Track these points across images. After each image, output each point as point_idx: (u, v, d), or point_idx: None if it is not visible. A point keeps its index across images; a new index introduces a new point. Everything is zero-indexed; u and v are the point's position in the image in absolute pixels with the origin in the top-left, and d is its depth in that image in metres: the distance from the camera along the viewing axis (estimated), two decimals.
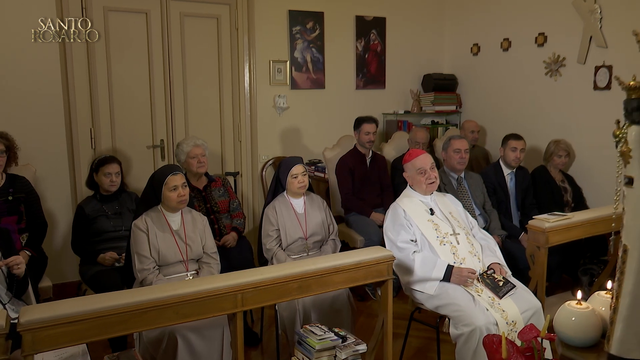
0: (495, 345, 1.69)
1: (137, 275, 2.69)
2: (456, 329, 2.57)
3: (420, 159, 2.97)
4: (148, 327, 2.10)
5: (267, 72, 4.67)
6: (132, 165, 4.26)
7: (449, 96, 5.40)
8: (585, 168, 4.33)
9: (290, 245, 3.16)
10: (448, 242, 2.84)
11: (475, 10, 5.25)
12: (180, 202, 2.79)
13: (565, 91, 4.48)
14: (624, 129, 1.37)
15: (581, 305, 1.55)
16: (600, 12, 4.11)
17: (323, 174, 4.61)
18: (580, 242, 3.55)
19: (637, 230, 1.35)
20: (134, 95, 4.22)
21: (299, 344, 2.35)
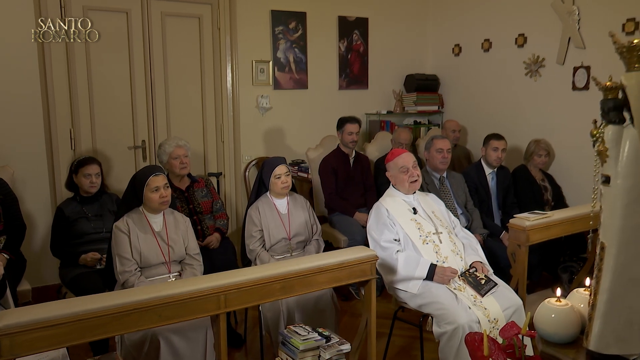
0: (477, 343, 1.71)
1: (119, 277, 2.66)
2: (439, 327, 2.59)
3: (403, 157, 2.99)
4: (130, 329, 2.07)
5: (250, 72, 4.65)
6: (113, 167, 4.21)
7: (431, 96, 5.44)
8: (565, 167, 4.40)
9: (274, 245, 3.15)
10: (431, 241, 2.86)
11: (456, 11, 5.30)
12: (162, 204, 2.76)
13: (545, 91, 4.54)
14: (601, 129, 1.40)
15: (560, 302, 1.58)
16: (578, 14, 4.18)
17: (306, 174, 4.61)
18: (560, 240, 3.61)
19: (614, 228, 1.37)
20: (114, 95, 4.17)
21: (283, 344, 2.34)
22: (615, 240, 1.37)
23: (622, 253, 1.36)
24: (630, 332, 1.39)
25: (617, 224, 1.36)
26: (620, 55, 1.38)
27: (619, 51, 1.38)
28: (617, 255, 1.37)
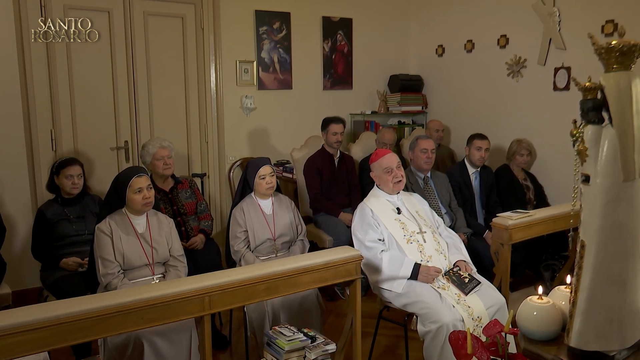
0: (460, 341, 1.72)
1: (101, 280, 2.63)
2: (424, 326, 2.61)
3: (387, 158, 3.00)
4: (113, 332, 2.05)
5: (234, 72, 4.63)
6: (95, 168, 4.16)
7: (415, 97, 5.47)
8: (546, 166, 4.46)
9: (259, 246, 3.14)
10: (415, 240, 2.88)
11: (439, 12, 5.34)
12: (145, 205, 2.74)
13: (527, 92, 4.60)
14: (581, 129, 1.42)
15: (542, 300, 1.59)
16: (558, 15, 4.24)
17: (291, 175, 4.60)
18: (542, 238, 3.66)
19: (593, 226, 1.39)
20: (96, 96, 4.12)
21: (268, 345, 2.34)
22: (595, 238, 1.39)
23: (601, 251, 1.39)
24: (609, 329, 1.41)
25: (596, 223, 1.38)
26: (599, 56, 1.40)
27: (598, 52, 1.40)
28: (596, 253, 1.39)
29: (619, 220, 1.37)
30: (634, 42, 1.36)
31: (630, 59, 1.37)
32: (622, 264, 1.40)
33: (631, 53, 1.36)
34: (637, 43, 1.36)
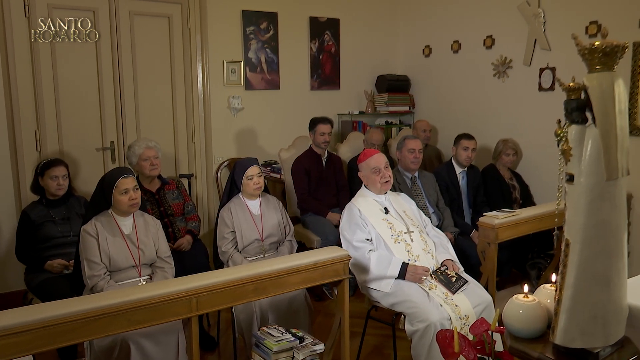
0: (448, 340, 1.73)
1: (87, 282, 2.60)
2: (411, 325, 2.62)
3: (375, 158, 3.01)
4: (99, 335, 2.03)
5: (221, 72, 4.62)
6: (81, 169, 4.11)
7: (402, 97, 5.49)
8: (532, 166, 4.50)
9: (247, 247, 3.13)
10: (402, 240, 2.89)
11: (426, 13, 5.37)
12: (131, 206, 2.72)
13: (513, 92, 4.64)
14: (565, 128, 1.43)
15: (528, 298, 1.61)
16: (543, 16, 4.28)
17: (279, 175, 4.60)
18: (528, 237, 3.69)
19: (577, 224, 1.41)
20: (81, 96, 4.08)
21: (256, 346, 2.33)
22: (579, 237, 1.41)
23: (585, 249, 1.40)
24: (594, 326, 1.42)
25: (580, 221, 1.40)
26: (583, 57, 1.42)
27: (581, 53, 1.41)
28: (581, 251, 1.41)
29: (602, 219, 1.39)
30: (616, 43, 1.37)
31: (612, 59, 1.38)
32: (605, 262, 1.41)
33: (614, 54, 1.38)
34: (620, 44, 1.38)
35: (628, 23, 3.73)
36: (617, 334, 1.47)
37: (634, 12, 3.71)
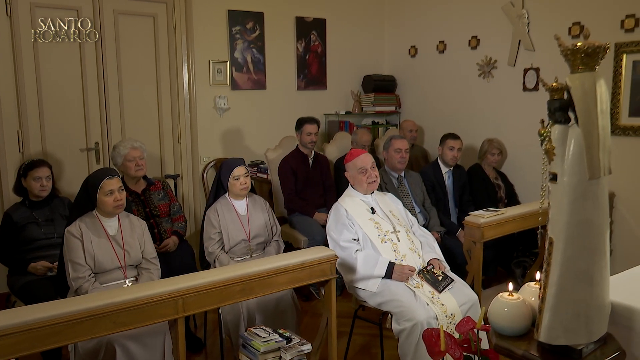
0: (434, 338, 1.74)
1: (72, 284, 2.57)
2: (398, 324, 2.63)
3: (361, 158, 3.02)
4: (83, 337, 2.01)
5: (207, 72, 4.59)
6: (65, 169, 4.07)
7: (389, 97, 5.51)
8: (517, 165, 4.55)
9: (233, 247, 3.12)
10: (389, 239, 2.90)
11: (412, 14, 5.39)
12: (116, 207, 2.69)
13: (497, 92, 4.68)
14: (548, 128, 1.45)
15: (512, 296, 1.62)
16: (527, 17, 4.33)
17: (266, 175, 4.59)
18: (513, 236, 3.73)
19: (561, 223, 1.42)
20: (65, 96, 4.03)
21: (243, 347, 2.33)
22: (563, 235, 1.42)
23: (569, 247, 1.42)
24: (577, 323, 1.44)
25: (563, 220, 1.42)
26: (565, 57, 1.44)
27: (564, 54, 1.43)
28: (564, 249, 1.42)
29: (585, 218, 1.41)
30: (598, 44, 1.39)
31: (594, 60, 1.40)
32: (588, 260, 1.43)
33: (595, 54, 1.39)
34: (601, 45, 1.40)
35: (610, 24, 3.79)
36: (600, 331, 1.49)
37: (616, 13, 3.76)
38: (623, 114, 3.79)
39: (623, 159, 3.79)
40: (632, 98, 3.74)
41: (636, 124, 3.74)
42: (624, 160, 3.79)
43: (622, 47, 3.72)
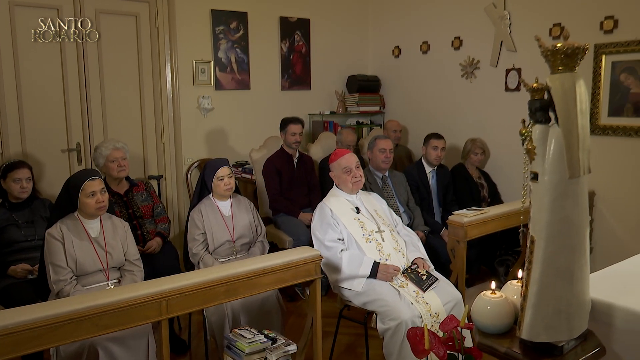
0: (418, 337, 1.75)
1: (53, 287, 2.53)
2: (383, 323, 2.64)
3: (346, 158, 3.03)
4: (65, 341, 1.98)
5: (190, 72, 4.56)
6: (45, 171, 4.00)
7: (373, 97, 5.53)
8: (499, 165, 4.59)
9: (218, 248, 3.11)
10: (374, 239, 2.91)
11: (396, 14, 5.42)
12: (99, 209, 2.66)
13: (480, 92, 4.72)
14: (529, 128, 1.47)
15: (495, 294, 1.64)
16: (509, 19, 4.37)
17: (250, 176, 4.57)
18: (496, 235, 3.77)
19: (542, 222, 1.44)
20: (46, 96, 3.97)
21: (228, 348, 2.32)
22: (544, 233, 1.44)
23: (549, 246, 1.44)
24: (558, 321, 1.46)
25: (544, 218, 1.43)
26: (546, 58, 1.45)
27: (544, 54, 1.45)
28: (545, 247, 1.44)
29: (565, 216, 1.43)
30: (577, 45, 1.41)
31: (574, 60, 1.42)
32: (569, 257, 1.45)
33: (575, 55, 1.41)
34: (580, 46, 1.42)
35: (590, 25, 3.85)
36: (581, 327, 1.51)
37: (596, 15, 3.82)
38: (603, 114, 3.86)
39: (603, 158, 3.85)
40: (611, 98, 3.80)
41: (615, 123, 3.80)
42: (604, 160, 3.85)
43: (602, 48, 3.78)
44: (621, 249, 3.70)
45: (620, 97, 3.75)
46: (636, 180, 3.75)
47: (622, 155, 3.80)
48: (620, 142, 3.79)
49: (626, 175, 3.80)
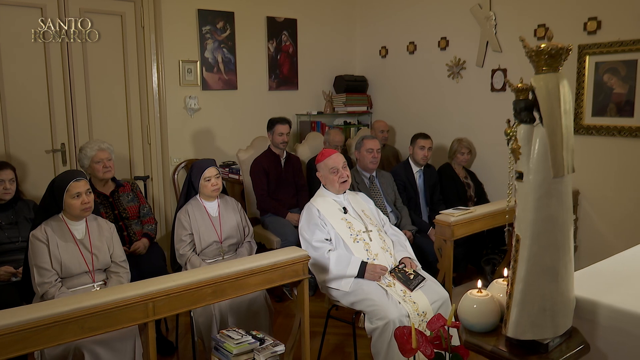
0: (405, 336, 1.76)
1: (37, 289, 2.50)
2: (371, 323, 2.65)
3: (333, 158, 3.03)
4: (50, 344, 1.96)
5: (177, 72, 4.53)
6: (29, 172, 3.95)
7: (360, 97, 5.54)
8: (485, 164, 4.63)
9: (205, 249, 3.09)
10: (361, 239, 2.92)
11: (382, 15, 5.44)
12: (84, 210, 2.63)
13: (466, 92, 4.76)
14: (514, 128, 1.48)
15: (481, 293, 1.65)
16: (495, 19, 4.41)
17: (237, 176, 4.56)
18: (483, 234, 3.80)
19: (526, 220, 1.45)
20: (29, 96, 3.92)
21: (216, 349, 2.30)
22: (529, 232, 1.45)
23: (534, 244, 1.45)
24: (543, 318, 1.48)
25: (529, 217, 1.45)
26: (530, 59, 1.47)
27: (529, 55, 1.46)
28: (530, 246, 1.45)
29: (550, 215, 1.44)
30: (561, 45, 1.43)
31: (557, 61, 1.43)
32: (553, 255, 1.46)
33: (558, 56, 1.43)
34: (564, 46, 1.43)
35: (574, 26, 3.90)
36: (565, 324, 1.53)
37: (579, 16, 3.87)
38: (587, 114, 3.91)
39: (587, 157, 3.90)
40: (595, 98, 3.85)
41: (599, 123, 3.85)
42: (588, 159, 3.90)
43: (585, 48, 3.83)
44: (605, 247, 3.75)
45: (604, 97, 3.81)
46: (619, 179, 3.81)
47: (605, 155, 3.86)
48: (604, 141, 3.84)
49: (610, 174, 3.85)
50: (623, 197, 3.80)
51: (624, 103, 3.71)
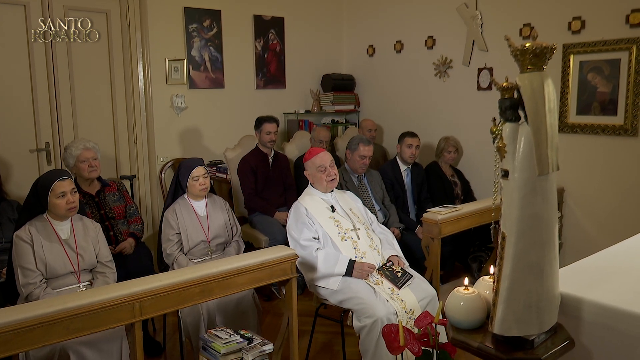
0: (393, 334, 1.77)
1: (21, 290, 2.47)
2: (359, 321, 2.65)
3: (320, 156, 3.03)
4: (35, 346, 1.94)
5: (163, 71, 4.50)
6: (13, 171, 3.90)
7: (348, 96, 5.55)
8: (472, 163, 4.66)
9: (192, 249, 3.08)
10: (349, 237, 2.92)
11: (370, 13, 5.45)
12: (69, 210, 2.60)
13: (453, 91, 4.78)
14: (500, 126, 1.49)
15: (468, 290, 1.66)
16: (481, 18, 4.44)
17: (225, 175, 4.54)
18: (470, 231, 3.82)
19: (512, 218, 1.46)
20: (13, 95, 3.87)
21: (204, 349, 2.30)
22: (514, 229, 1.46)
23: (520, 241, 1.46)
24: (528, 315, 1.49)
25: (515, 215, 1.46)
26: (515, 57, 1.48)
27: (514, 54, 1.47)
28: (515, 243, 1.46)
29: (535, 212, 1.45)
30: (545, 44, 1.44)
31: (542, 60, 1.45)
32: (539, 252, 1.48)
33: (543, 55, 1.44)
34: (549, 46, 1.45)
35: (558, 26, 3.94)
36: (551, 321, 1.54)
37: (564, 15, 3.91)
38: (571, 112, 3.95)
39: (572, 155, 3.95)
40: (579, 97, 3.89)
41: (583, 122, 3.90)
42: (573, 157, 3.95)
43: (570, 48, 3.87)
44: (589, 244, 3.80)
45: (588, 96, 3.85)
46: (604, 176, 3.86)
47: (590, 153, 3.90)
48: (588, 139, 3.89)
49: (594, 172, 3.90)
50: (607, 194, 3.85)
51: (607, 102, 3.75)
